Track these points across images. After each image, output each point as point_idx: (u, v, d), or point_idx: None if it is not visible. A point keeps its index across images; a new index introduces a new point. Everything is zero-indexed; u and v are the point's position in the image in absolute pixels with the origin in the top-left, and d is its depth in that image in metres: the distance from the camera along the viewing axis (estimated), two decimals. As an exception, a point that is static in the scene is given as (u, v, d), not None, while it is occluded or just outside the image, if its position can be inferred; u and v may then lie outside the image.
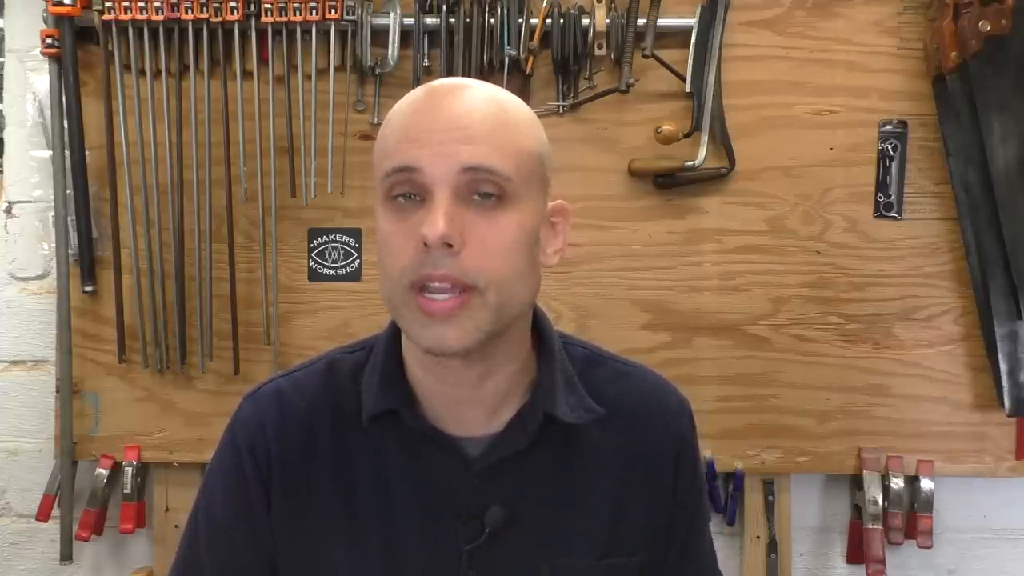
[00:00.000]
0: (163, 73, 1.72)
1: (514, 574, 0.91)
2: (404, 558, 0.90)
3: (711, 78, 1.72)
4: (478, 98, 0.84)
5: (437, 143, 0.81)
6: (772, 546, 1.81)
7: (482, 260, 0.81)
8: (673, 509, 0.98)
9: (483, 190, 0.82)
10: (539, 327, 0.94)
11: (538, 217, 0.86)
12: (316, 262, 1.80)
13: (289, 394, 0.95)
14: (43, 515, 1.78)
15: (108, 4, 1.68)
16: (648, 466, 0.96)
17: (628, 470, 0.95)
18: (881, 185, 1.77)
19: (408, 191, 0.82)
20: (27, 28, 1.78)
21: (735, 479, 1.79)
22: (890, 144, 1.76)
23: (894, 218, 1.77)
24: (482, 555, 0.90)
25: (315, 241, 1.79)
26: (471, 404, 0.90)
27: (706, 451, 1.74)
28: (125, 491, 1.78)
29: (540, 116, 0.91)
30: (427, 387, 0.91)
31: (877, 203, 1.77)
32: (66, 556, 1.78)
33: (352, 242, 1.79)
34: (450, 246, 0.79)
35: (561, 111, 1.75)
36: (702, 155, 1.72)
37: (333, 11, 1.69)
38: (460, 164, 0.80)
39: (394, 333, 0.93)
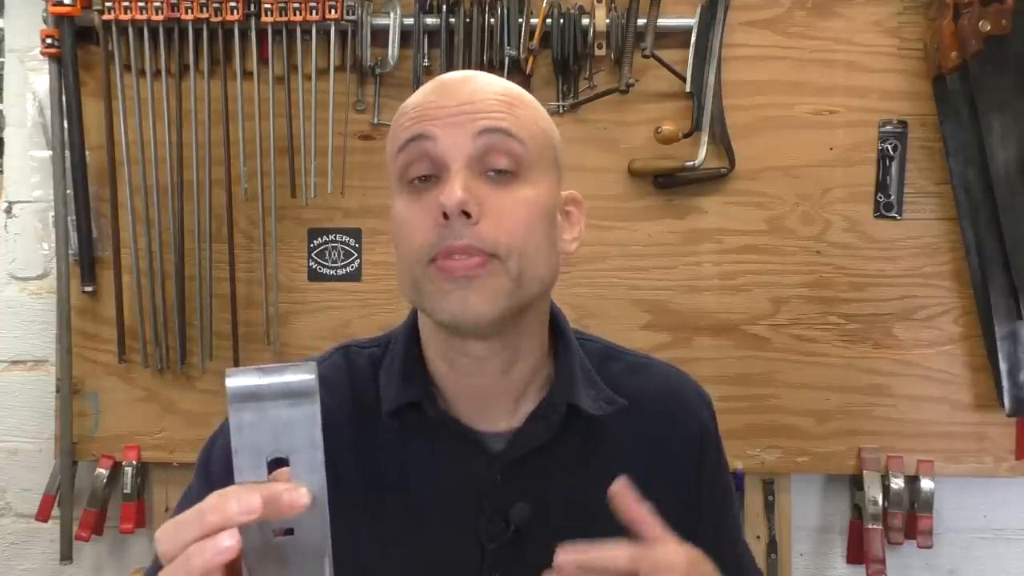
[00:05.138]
0: (163, 73, 1.72)
1: (537, 571, 0.90)
2: (426, 555, 0.88)
3: (711, 78, 1.72)
4: (489, 80, 0.86)
5: (450, 115, 0.81)
6: (772, 546, 1.81)
7: (500, 231, 0.80)
8: (700, 497, 0.97)
9: (498, 166, 0.81)
10: (555, 321, 0.93)
11: (552, 199, 0.86)
12: (316, 262, 1.80)
13: None
14: (43, 515, 1.78)
15: (108, 4, 1.68)
16: (671, 458, 0.95)
17: (651, 462, 0.93)
18: (881, 185, 1.77)
19: (423, 172, 0.81)
20: (27, 28, 1.78)
21: (735, 479, 1.78)
22: (890, 144, 1.76)
23: (894, 218, 1.77)
24: (505, 552, 0.88)
25: (315, 241, 1.79)
26: (494, 396, 0.89)
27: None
28: (125, 491, 1.77)
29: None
30: (450, 381, 0.89)
31: (877, 203, 1.77)
32: (66, 556, 1.78)
33: (352, 242, 1.79)
34: (468, 215, 0.78)
35: (561, 111, 1.75)
36: (702, 155, 1.72)
37: (333, 11, 1.69)
38: (476, 128, 0.80)
39: (412, 328, 0.92)
